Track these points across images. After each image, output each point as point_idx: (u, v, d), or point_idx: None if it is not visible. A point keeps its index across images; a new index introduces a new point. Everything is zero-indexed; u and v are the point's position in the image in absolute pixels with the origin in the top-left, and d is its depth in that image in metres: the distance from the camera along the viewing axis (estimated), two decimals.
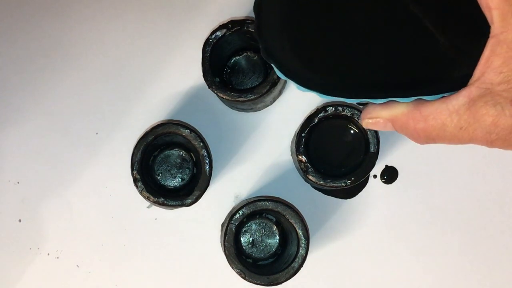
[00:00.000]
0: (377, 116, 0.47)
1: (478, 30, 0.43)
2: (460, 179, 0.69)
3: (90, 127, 0.69)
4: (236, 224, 0.62)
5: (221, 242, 0.64)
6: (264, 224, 0.67)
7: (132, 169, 0.63)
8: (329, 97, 0.46)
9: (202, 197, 0.64)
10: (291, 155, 0.69)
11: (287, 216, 0.62)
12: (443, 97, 0.44)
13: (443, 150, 0.69)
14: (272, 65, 0.46)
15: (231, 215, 0.63)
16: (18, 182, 0.69)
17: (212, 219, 0.68)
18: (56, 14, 0.70)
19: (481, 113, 0.43)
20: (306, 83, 0.45)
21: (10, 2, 0.70)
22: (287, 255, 0.64)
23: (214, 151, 0.67)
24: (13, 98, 0.69)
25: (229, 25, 0.63)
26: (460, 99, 0.43)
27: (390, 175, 0.69)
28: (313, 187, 0.69)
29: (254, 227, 0.67)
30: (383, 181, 0.69)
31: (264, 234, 0.67)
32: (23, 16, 0.70)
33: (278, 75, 0.46)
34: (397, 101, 0.46)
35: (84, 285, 0.69)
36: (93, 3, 0.70)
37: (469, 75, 0.43)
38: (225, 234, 0.62)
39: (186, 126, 0.64)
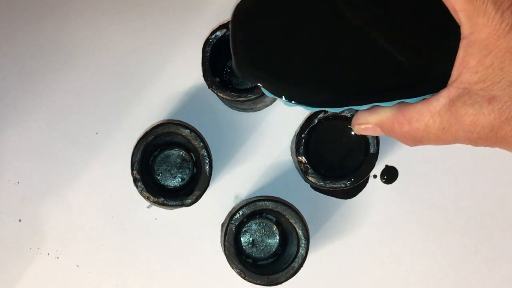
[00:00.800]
0: (366, 122, 0.48)
1: (450, 30, 0.44)
2: (460, 179, 0.69)
3: (90, 127, 0.69)
4: (236, 224, 0.62)
5: (221, 242, 0.64)
6: (264, 224, 0.67)
7: (132, 169, 0.63)
8: (316, 108, 0.47)
9: (202, 197, 0.64)
10: (291, 155, 0.69)
11: (287, 216, 0.62)
12: (424, 99, 0.45)
13: (443, 150, 0.69)
14: (259, 84, 0.47)
15: (231, 215, 0.63)
16: (18, 182, 0.69)
17: (212, 219, 0.68)
18: (56, 14, 0.70)
19: (461, 113, 0.43)
20: (293, 99, 0.47)
21: (10, 2, 0.70)
22: (287, 255, 0.64)
23: (214, 151, 0.67)
24: (13, 98, 0.69)
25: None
26: (440, 100, 0.44)
27: (390, 175, 0.69)
28: (313, 187, 0.69)
29: (254, 227, 0.67)
30: (383, 181, 0.69)
31: (264, 234, 0.67)
32: (23, 16, 0.70)
33: (266, 93, 0.47)
34: (381, 106, 0.46)
35: (84, 285, 0.69)
36: (93, 3, 0.70)
37: (447, 75, 0.44)
38: (225, 234, 0.62)
39: (186, 126, 0.64)
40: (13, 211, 0.69)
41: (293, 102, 0.47)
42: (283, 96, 0.47)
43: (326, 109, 0.47)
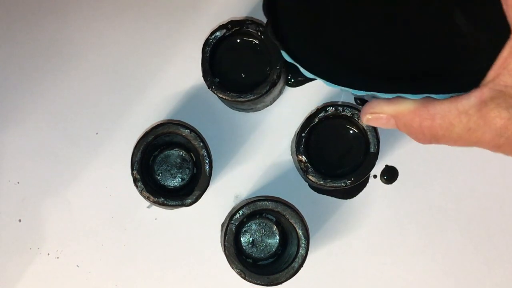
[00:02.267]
0: (381, 111, 0.46)
1: (499, 28, 0.41)
2: (460, 179, 0.69)
3: (90, 127, 0.69)
4: (236, 224, 0.62)
5: (221, 242, 0.64)
6: (264, 224, 0.67)
7: (132, 169, 0.63)
8: (337, 86, 0.44)
9: (202, 197, 0.64)
10: (291, 155, 0.69)
11: (287, 216, 0.62)
12: (452, 97, 0.43)
13: (443, 150, 0.69)
14: (278, 44, 0.45)
15: (231, 215, 0.63)
16: (18, 182, 0.69)
17: (212, 219, 0.68)
18: (56, 14, 0.70)
19: (492, 115, 0.41)
20: (315, 68, 0.44)
21: (11, 2, 0.70)
22: (287, 255, 0.64)
23: (214, 151, 0.67)
24: (13, 98, 0.69)
25: (229, 26, 0.63)
26: (471, 99, 0.42)
27: (390, 175, 0.69)
28: (312, 187, 0.69)
29: (254, 227, 0.67)
30: (383, 181, 0.69)
31: (264, 234, 0.67)
32: (23, 16, 0.70)
33: (284, 56, 0.44)
34: (404, 98, 0.44)
35: (84, 285, 0.69)
36: (93, 3, 0.70)
37: (482, 75, 0.42)
38: (225, 234, 0.62)
39: (186, 126, 0.64)
40: (13, 211, 0.69)
41: (318, 74, 0.43)
42: (303, 64, 0.44)
43: (349, 90, 0.44)
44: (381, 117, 0.46)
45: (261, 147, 0.69)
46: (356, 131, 0.65)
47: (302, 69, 0.44)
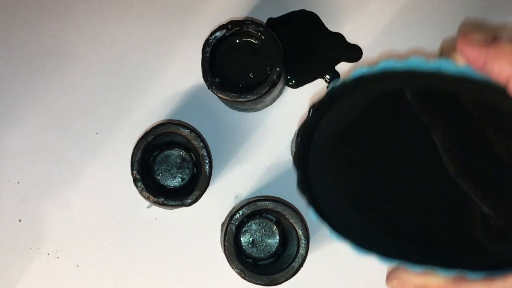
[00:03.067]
0: (408, 280, 0.44)
1: None
2: None
3: (90, 127, 0.69)
4: (236, 224, 0.62)
5: (221, 242, 0.64)
6: (264, 224, 0.67)
7: (132, 169, 0.63)
8: (364, 252, 0.42)
9: (202, 197, 0.64)
10: (291, 155, 0.69)
11: (287, 216, 0.62)
12: (487, 277, 0.41)
13: None
14: (307, 201, 0.43)
15: (231, 215, 0.63)
16: (18, 182, 0.69)
17: (212, 219, 0.68)
18: (55, 14, 0.70)
19: None
20: (344, 230, 0.42)
21: (10, 2, 0.70)
22: (287, 255, 0.64)
23: (214, 151, 0.67)
24: (13, 98, 0.69)
25: (229, 26, 0.64)
26: (507, 283, 0.40)
27: None
28: None
29: (254, 227, 0.67)
30: None
31: (264, 234, 0.67)
32: (23, 16, 0.70)
33: (311, 214, 0.43)
34: (434, 273, 0.42)
35: (84, 285, 0.69)
36: (93, 3, 0.70)
37: None
38: (225, 234, 0.62)
39: (186, 126, 0.64)
40: (13, 211, 0.69)
41: (347, 237, 0.42)
42: (333, 224, 0.42)
43: (378, 257, 0.42)
44: (407, 286, 0.44)
45: (261, 147, 0.69)
46: None
47: (329, 230, 0.43)
